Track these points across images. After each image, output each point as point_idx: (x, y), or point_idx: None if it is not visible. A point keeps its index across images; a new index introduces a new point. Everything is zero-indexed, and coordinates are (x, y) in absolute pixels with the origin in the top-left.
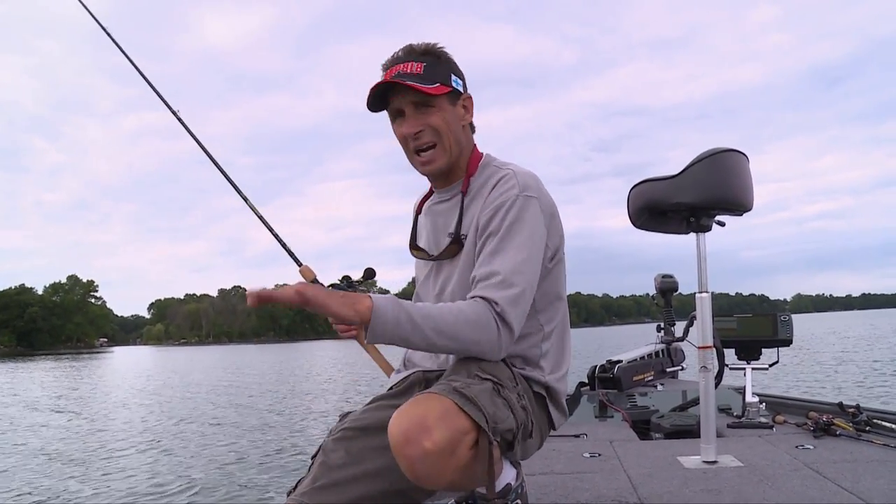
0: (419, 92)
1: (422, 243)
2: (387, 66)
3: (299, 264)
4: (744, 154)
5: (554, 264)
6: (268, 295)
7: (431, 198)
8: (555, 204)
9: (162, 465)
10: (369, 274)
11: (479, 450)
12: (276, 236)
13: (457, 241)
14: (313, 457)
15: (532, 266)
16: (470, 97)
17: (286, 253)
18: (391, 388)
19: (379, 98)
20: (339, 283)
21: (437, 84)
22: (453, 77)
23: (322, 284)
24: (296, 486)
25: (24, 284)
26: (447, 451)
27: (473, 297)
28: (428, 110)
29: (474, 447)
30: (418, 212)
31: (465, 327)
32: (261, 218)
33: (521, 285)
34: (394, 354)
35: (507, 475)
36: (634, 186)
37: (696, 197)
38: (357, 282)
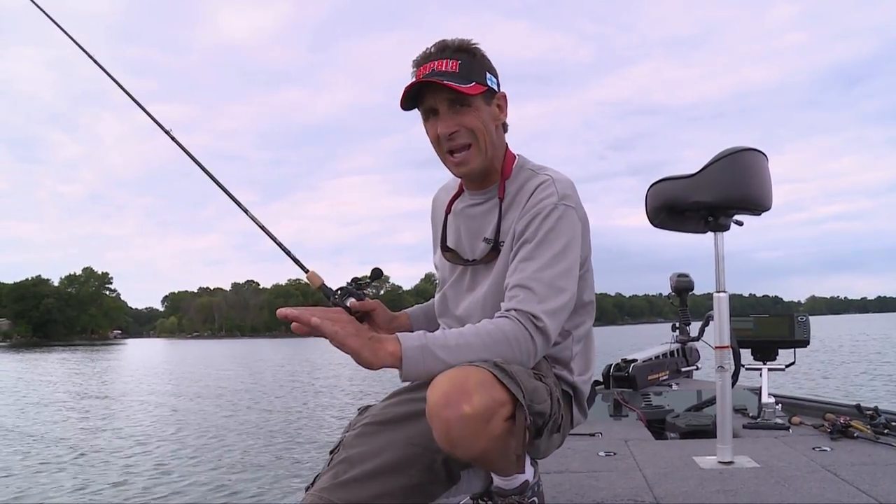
0: (455, 91)
1: (451, 245)
2: (419, 63)
3: (305, 270)
4: (763, 153)
5: (583, 272)
6: (295, 315)
7: (461, 198)
8: (585, 213)
9: (175, 460)
10: (376, 274)
11: (516, 424)
12: (279, 244)
13: (495, 248)
14: (332, 452)
15: (572, 276)
16: (504, 95)
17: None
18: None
19: (411, 96)
20: (347, 285)
21: (474, 83)
22: (488, 75)
23: (331, 289)
24: (314, 481)
25: (40, 276)
26: (484, 417)
27: (509, 310)
28: (463, 110)
29: (509, 420)
30: (447, 211)
31: (498, 351)
32: (263, 228)
33: (563, 298)
34: None
35: (525, 472)
36: (653, 185)
37: (714, 196)
38: (364, 283)
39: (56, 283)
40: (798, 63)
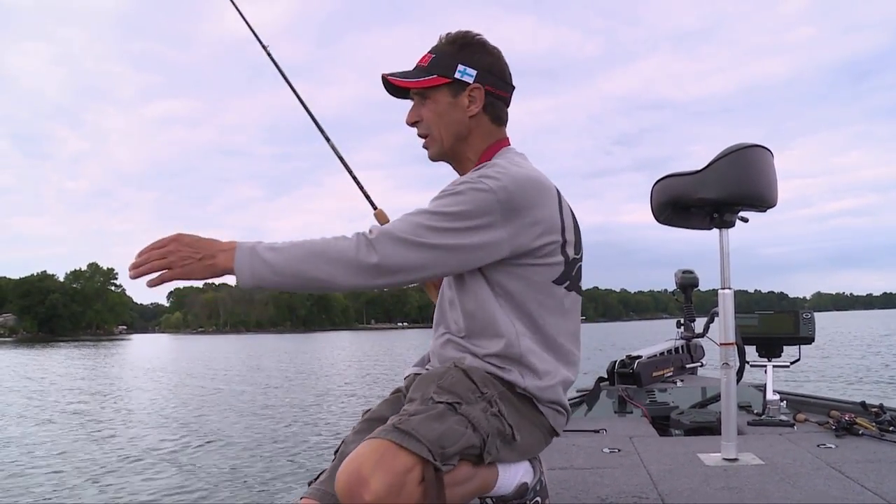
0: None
1: None
2: None
3: (374, 207)
4: (769, 150)
5: (530, 262)
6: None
7: None
8: (537, 208)
9: (181, 455)
10: None
11: (426, 482)
12: (354, 179)
13: None
14: (336, 451)
15: (446, 237)
16: (479, 87)
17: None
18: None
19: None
20: None
21: (434, 76)
22: (461, 67)
23: None
24: (317, 477)
25: (45, 271)
26: (391, 496)
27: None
28: (424, 101)
29: (424, 481)
30: None
31: (319, 250)
32: (341, 158)
33: (413, 237)
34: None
35: (521, 474)
36: (658, 181)
37: (720, 193)
38: None
39: (61, 279)
40: (806, 57)
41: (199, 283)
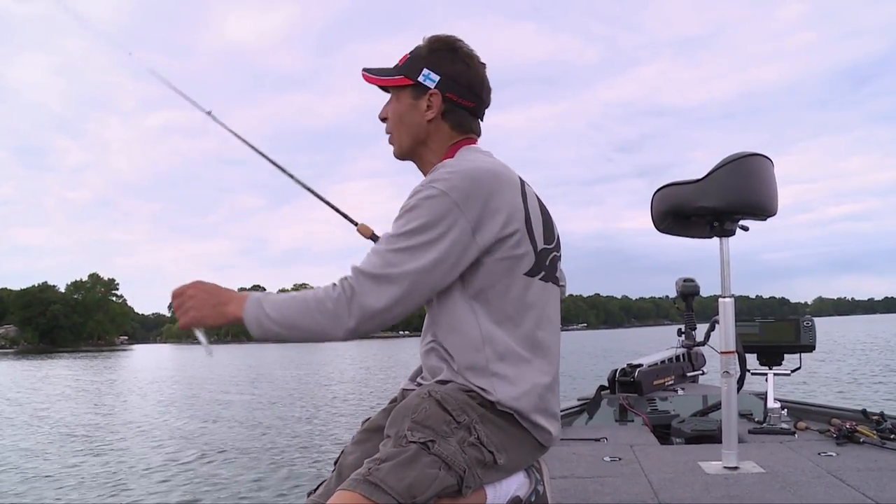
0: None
1: None
2: None
3: (355, 224)
4: (769, 158)
5: (499, 255)
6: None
7: None
8: (495, 195)
9: (182, 465)
10: None
11: None
12: (330, 204)
13: None
14: (335, 462)
15: (415, 254)
16: (437, 94)
17: (341, 216)
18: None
19: None
20: None
21: (400, 76)
22: (426, 71)
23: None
24: (316, 488)
25: (46, 282)
26: None
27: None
28: (392, 100)
29: None
30: None
31: (303, 309)
32: (311, 190)
33: (389, 269)
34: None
35: (514, 488)
36: (658, 190)
37: (720, 201)
38: None
39: (62, 290)
40: (806, 63)
41: None
